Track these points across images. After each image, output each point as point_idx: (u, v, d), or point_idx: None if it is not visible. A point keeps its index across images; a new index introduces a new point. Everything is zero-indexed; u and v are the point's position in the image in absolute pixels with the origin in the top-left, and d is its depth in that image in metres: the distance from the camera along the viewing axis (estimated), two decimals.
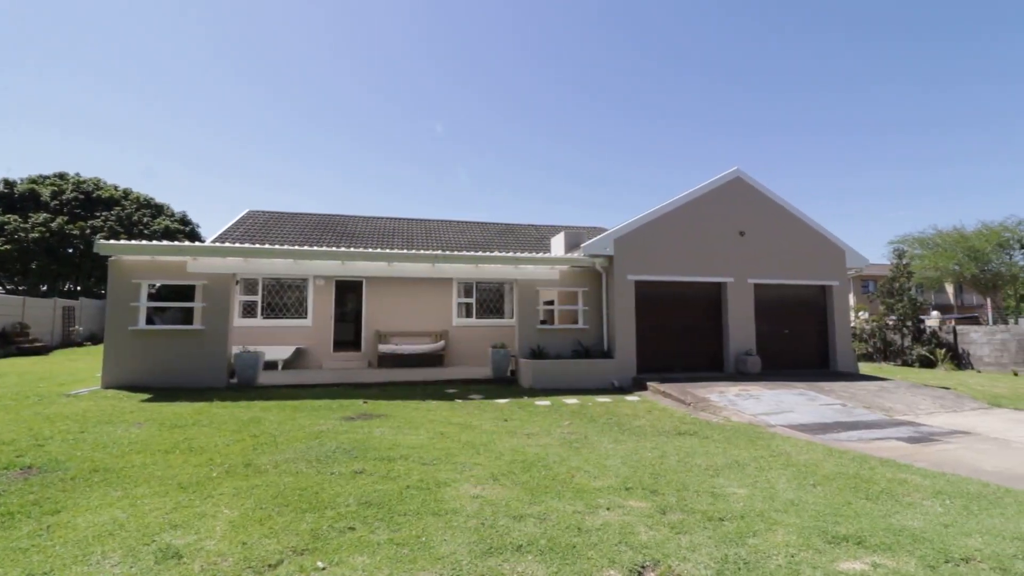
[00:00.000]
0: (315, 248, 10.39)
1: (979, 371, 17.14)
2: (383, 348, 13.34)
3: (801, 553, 3.02)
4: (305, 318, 13.55)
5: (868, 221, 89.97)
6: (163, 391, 9.23)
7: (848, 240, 14.74)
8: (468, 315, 14.84)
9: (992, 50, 67.46)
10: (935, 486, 4.45)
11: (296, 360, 13.28)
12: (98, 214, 29.79)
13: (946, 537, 3.27)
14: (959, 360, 18.07)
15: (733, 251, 12.50)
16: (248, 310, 13.49)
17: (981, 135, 78.16)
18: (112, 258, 9.95)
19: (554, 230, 17.36)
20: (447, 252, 12.08)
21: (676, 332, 12.23)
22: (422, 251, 11.97)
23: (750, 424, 7.46)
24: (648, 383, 10.63)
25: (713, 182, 12.66)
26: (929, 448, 6.16)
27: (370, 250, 11.04)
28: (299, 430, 6.31)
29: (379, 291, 14.08)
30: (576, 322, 12.08)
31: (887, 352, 20.24)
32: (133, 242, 9.81)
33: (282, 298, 13.66)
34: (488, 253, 11.91)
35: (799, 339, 13.11)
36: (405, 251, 11.18)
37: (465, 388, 10.48)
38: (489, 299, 15.13)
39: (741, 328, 12.32)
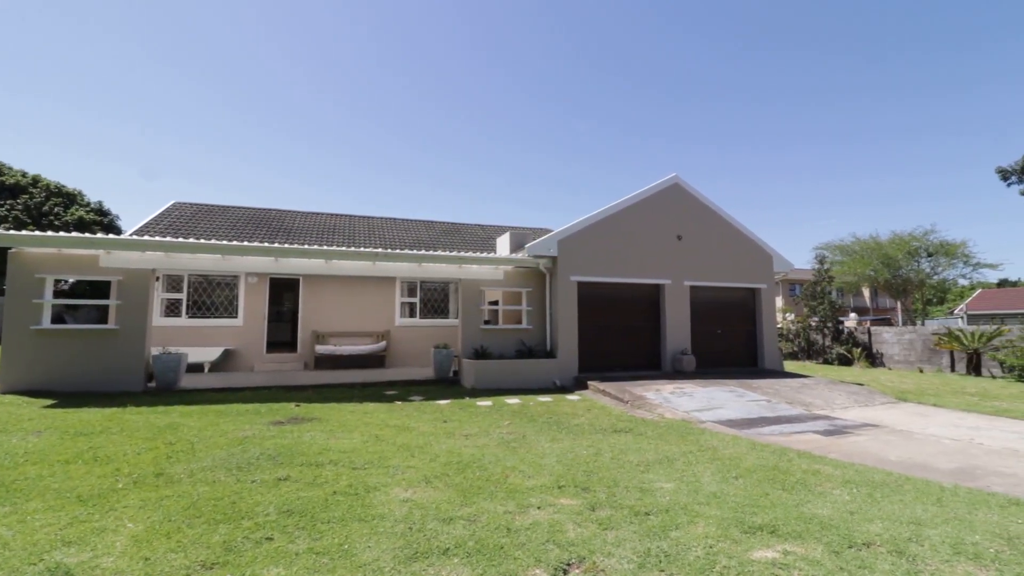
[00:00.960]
0: (245, 243, 9.83)
1: (890, 368, 18.65)
2: (321, 349, 12.84)
3: (719, 544, 3.12)
4: (235, 317, 12.82)
5: (794, 228, 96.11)
6: (70, 396, 8.45)
7: (776, 246, 15.62)
8: (412, 315, 14.56)
9: (913, 64, 73.72)
10: (845, 476, 4.76)
11: (225, 362, 12.54)
12: (1, 203, 27.01)
13: (851, 524, 3.49)
14: (873, 358, 19.59)
15: (671, 254, 12.95)
16: (172, 309, 12.62)
17: (900, 148, 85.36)
18: (12, 250, 9.02)
19: (501, 231, 17.36)
20: (388, 250, 11.80)
21: (617, 332, 12.52)
22: (362, 248, 11.63)
23: (683, 421, 7.73)
24: (589, 382, 10.81)
25: (653, 188, 13.08)
26: (842, 440, 6.60)
27: (306, 246, 10.57)
28: (221, 436, 5.94)
29: (317, 289, 13.55)
30: (520, 322, 12.12)
31: (810, 351, 21.65)
32: (36, 233, 8.91)
33: (210, 296, 12.87)
34: (432, 252, 11.70)
35: (731, 339, 13.77)
36: (344, 248, 10.82)
37: (406, 390, 10.26)
38: (434, 299, 14.92)
39: (678, 328, 12.79)
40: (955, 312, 41.22)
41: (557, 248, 11.74)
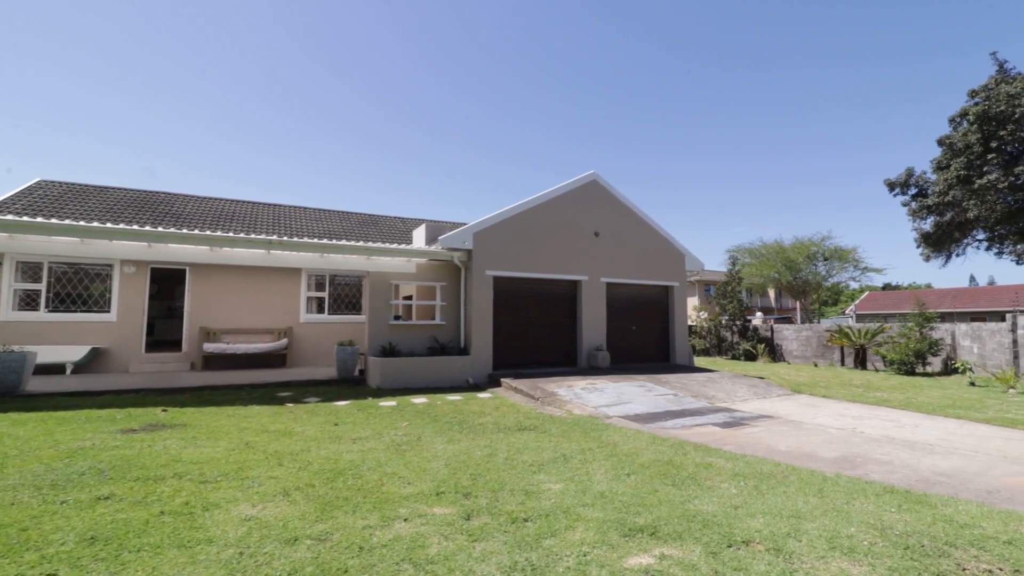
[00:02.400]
0: (111, 226, 8.57)
1: (789, 363, 19.95)
2: (209, 347, 11.58)
3: (594, 551, 2.83)
4: (108, 312, 11.28)
5: (710, 232, 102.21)
6: None
7: (693, 248, 16.19)
8: (320, 310, 13.59)
9: (827, 80, 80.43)
10: (735, 468, 4.70)
11: (93, 363, 11.00)
12: None
13: (733, 520, 3.33)
14: (775, 354, 20.89)
15: (588, 251, 12.95)
16: (29, 301, 10.89)
17: (803, 160, 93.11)
18: None
19: (420, 224, 16.69)
20: (285, 238, 10.85)
21: (533, 328, 12.32)
22: (254, 235, 10.59)
23: (590, 416, 7.57)
24: (503, 379, 10.50)
25: (571, 183, 13.01)
26: (738, 432, 6.69)
27: (186, 231, 9.42)
28: (49, 448, 4.97)
29: (208, 281, 12.24)
30: (433, 318, 11.59)
31: (721, 347, 22.77)
32: None
33: (78, 288, 11.24)
34: (335, 242, 10.89)
35: (645, 335, 14.02)
36: (231, 235, 9.75)
37: (303, 390, 9.43)
38: (347, 294, 14.02)
39: (594, 325, 12.80)
40: (846, 312, 45.36)
41: (473, 241, 11.33)
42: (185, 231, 9.45)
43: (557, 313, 12.71)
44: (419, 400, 8.76)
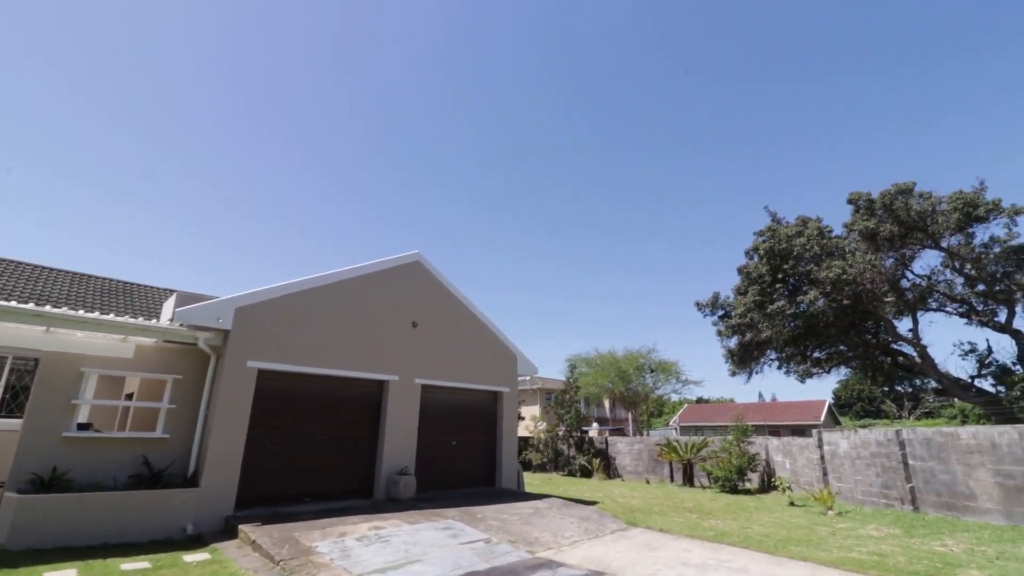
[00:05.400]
0: None
1: (623, 479, 18.87)
2: None
3: None
4: None
5: (551, 341, 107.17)
6: None
7: (533, 355, 14.75)
8: None
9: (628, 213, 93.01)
10: None
11: None
12: None
13: None
14: (609, 468, 19.77)
15: (402, 345, 10.57)
16: None
17: (628, 283, 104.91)
18: None
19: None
20: None
21: (314, 444, 9.15)
22: None
23: None
24: (243, 526, 7.04)
25: (388, 261, 10.89)
26: None
27: None
28: None
29: None
30: (154, 429, 7.88)
31: (557, 462, 21.12)
32: None
33: None
34: None
35: (466, 452, 11.58)
36: None
37: None
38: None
39: (401, 439, 10.06)
40: (671, 424, 48.28)
41: (233, 319, 8.26)
42: None
43: (352, 424, 9.75)
44: None
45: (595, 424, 32.28)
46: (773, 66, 72.84)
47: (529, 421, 25.64)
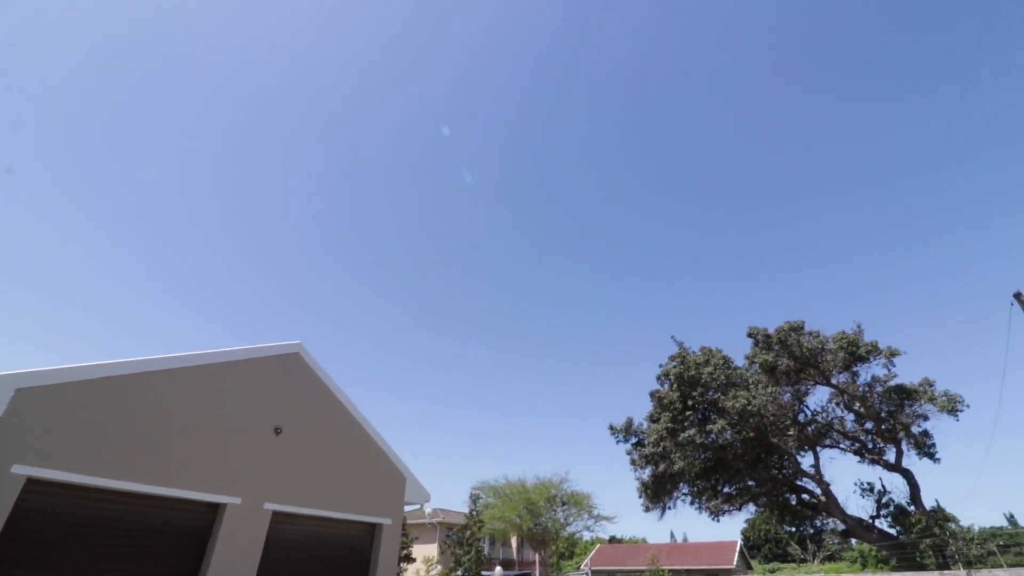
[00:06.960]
0: None
1: None
2: None
3: None
4: None
5: (456, 469, 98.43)
6: None
7: (438, 483, 12.57)
8: None
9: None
10: None
11: None
12: None
13: None
14: None
15: (257, 456, 8.37)
16: None
17: (536, 418, 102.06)
18: None
19: None
20: None
21: None
22: None
23: None
24: None
25: (261, 349, 9.08)
26: None
27: None
28: None
29: None
30: None
31: None
32: None
33: None
34: None
35: None
36: None
37: None
38: None
39: None
40: (582, 567, 44.10)
41: (9, 403, 5.98)
42: None
43: (161, 564, 7.09)
44: None
45: (498, 568, 28.36)
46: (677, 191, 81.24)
47: (421, 564, 21.83)
